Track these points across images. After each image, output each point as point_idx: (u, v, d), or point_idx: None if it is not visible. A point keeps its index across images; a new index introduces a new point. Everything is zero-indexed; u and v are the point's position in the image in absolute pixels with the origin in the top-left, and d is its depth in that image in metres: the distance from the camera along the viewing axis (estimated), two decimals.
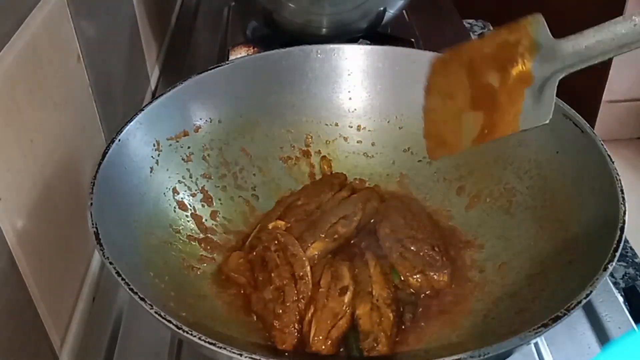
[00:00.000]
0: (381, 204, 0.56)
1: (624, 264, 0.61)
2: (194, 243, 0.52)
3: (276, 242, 0.50)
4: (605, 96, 1.79)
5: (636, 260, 0.61)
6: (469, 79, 0.43)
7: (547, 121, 0.39)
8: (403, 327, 0.46)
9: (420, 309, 0.48)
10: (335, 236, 0.52)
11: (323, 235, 0.51)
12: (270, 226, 0.53)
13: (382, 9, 0.76)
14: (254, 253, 0.51)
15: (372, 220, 0.54)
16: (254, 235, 0.53)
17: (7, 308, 0.41)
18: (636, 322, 0.51)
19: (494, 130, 0.42)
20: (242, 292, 0.49)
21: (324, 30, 0.76)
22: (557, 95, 0.51)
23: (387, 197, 0.57)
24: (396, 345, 0.45)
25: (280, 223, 0.53)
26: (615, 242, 0.39)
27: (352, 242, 0.53)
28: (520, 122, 0.40)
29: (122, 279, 0.38)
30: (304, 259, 0.49)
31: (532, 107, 0.40)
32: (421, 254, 0.50)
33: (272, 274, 0.48)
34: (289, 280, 0.47)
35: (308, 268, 0.48)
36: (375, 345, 0.44)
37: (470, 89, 0.42)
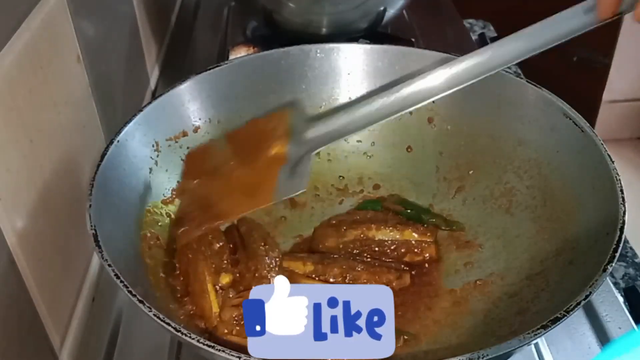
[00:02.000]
0: None
1: (624, 264, 0.61)
2: None
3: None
4: (605, 96, 1.79)
5: (636, 260, 0.61)
6: (229, 164, 0.49)
7: (303, 189, 0.45)
8: None
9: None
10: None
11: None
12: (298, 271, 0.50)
13: (382, 8, 0.76)
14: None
15: None
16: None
17: (7, 308, 0.41)
18: (636, 322, 0.51)
19: (251, 204, 0.47)
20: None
21: (324, 30, 0.76)
22: (558, 95, 0.51)
23: None
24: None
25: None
26: (615, 242, 0.39)
27: None
28: (273, 196, 0.46)
29: (121, 282, 0.38)
30: None
31: (288, 179, 0.45)
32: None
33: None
34: None
35: None
36: None
37: (227, 172, 0.48)
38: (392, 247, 0.52)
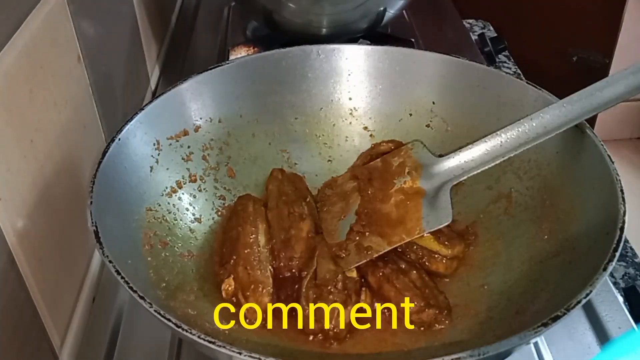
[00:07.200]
0: None
1: (624, 264, 0.61)
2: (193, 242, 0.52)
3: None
4: None
5: (636, 260, 0.61)
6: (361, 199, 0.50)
7: (449, 221, 0.47)
8: None
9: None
10: None
11: None
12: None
13: (382, 9, 0.76)
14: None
15: None
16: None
17: (7, 308, 0.41)
18: (636, 322, 0.51)
19: (402, 236, 0.48)
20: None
21: (324, 30, 0.76)
22: (558, 96, 0.51)
23: None
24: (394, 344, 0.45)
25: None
26: (615, 242, 0.39)
27: None
28: (424, 225, 0.48)
29: (122, 278, 0.38)
30: None
31: (431, 211, 0.47)
32: None
33: None
34: None
35: None
36: None
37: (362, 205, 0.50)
38: None
